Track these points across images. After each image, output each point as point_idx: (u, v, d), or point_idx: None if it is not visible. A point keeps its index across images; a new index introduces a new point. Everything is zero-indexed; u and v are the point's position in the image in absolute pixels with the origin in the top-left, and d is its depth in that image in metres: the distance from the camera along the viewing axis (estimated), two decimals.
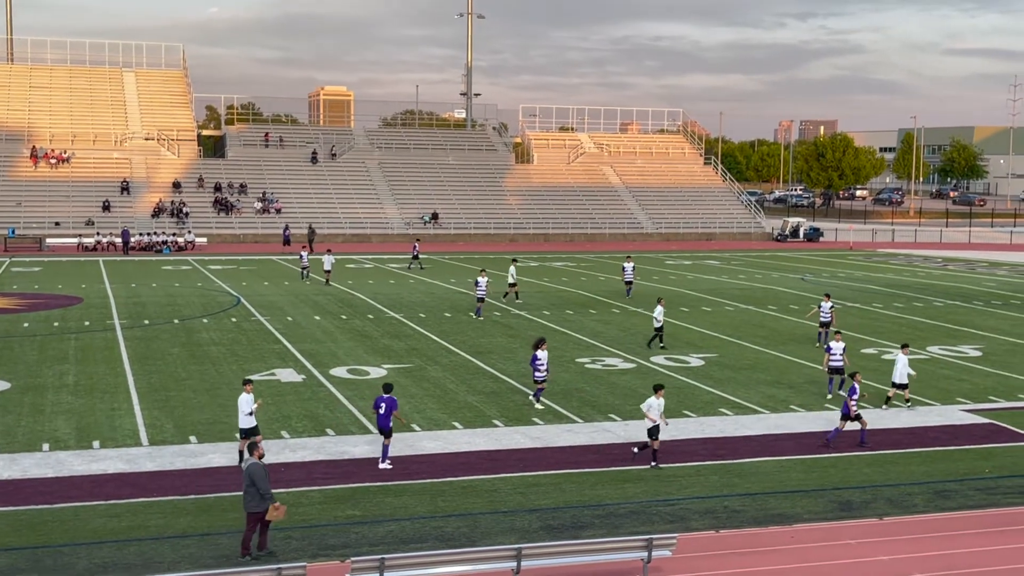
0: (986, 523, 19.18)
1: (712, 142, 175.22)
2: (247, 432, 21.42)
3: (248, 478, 16.86)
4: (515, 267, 49.31)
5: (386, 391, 22.10)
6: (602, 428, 25.40)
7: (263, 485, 16.81)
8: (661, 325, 36.01)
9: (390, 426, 21.91)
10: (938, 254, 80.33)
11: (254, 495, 16.81)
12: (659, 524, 18.72)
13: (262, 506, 16.82)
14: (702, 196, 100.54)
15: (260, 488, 16.78)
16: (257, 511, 16.85)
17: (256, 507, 16.84)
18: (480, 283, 43.67)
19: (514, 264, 49.83)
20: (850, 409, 24.11)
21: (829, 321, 37.00)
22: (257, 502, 16.81)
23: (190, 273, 59.09)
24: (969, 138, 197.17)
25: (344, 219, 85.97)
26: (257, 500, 16.80)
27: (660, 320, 35.91)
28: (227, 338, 37.16)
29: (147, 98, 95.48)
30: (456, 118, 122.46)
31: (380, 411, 21.80)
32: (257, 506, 16.83)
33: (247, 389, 21.71)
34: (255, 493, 16.81)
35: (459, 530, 18.31)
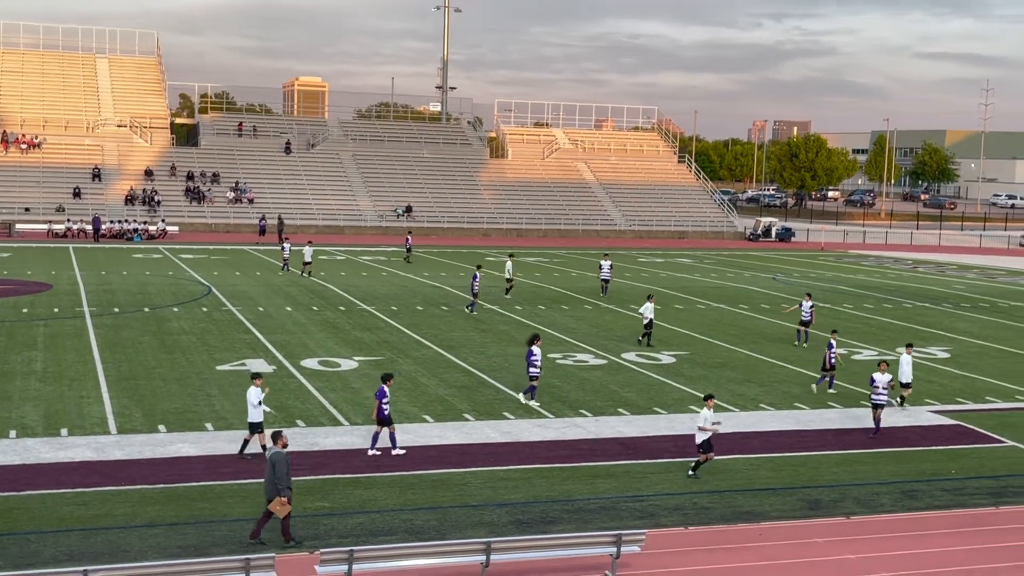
0: (952, 523, 19.34)
1: (686, 141, 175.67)
2: (254, 427, 21.34)
3: (271, 465, 16.93)
4: (512, 262, 49.27)
5: (383, 381, 22.38)
6: (572, 424, 25.44)
7: (281, 475, 16.88)
8: (649, 321, 36.09)
9: (386, 415, 22.16)
10: (908, 256, 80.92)
11: (274, 483, 16.91)
12: (628, 520, 18.77)
13: (284, 494, 16.90)
14: (675, 194, 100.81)
15: (277, 476, 16.84)
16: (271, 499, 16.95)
17: (272, 494, 16.93)
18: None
19: (511, 259, 49.80)
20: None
21: (809, 320, 37.29)
22: (275, 489, 16.89)
23: (161, 262, 58.73)
24: (941, 141, 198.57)
25: (317, 210, 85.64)
26: (275, 487, 16.88)
27: (647, 317, 36.02)
28: (198, 327, 36.96)
29: (120, 85, 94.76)
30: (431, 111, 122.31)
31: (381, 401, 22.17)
32: (274, 493, 16.92)
33: (256, 383, 21.55)
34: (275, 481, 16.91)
35: (428, 523, 18.30)
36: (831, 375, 29.65)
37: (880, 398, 25.42)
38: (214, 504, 18.83)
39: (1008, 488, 21.54)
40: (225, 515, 18.30)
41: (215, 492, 19.48)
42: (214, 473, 20.55)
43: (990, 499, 20.76)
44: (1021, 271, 70.93)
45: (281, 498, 16.84)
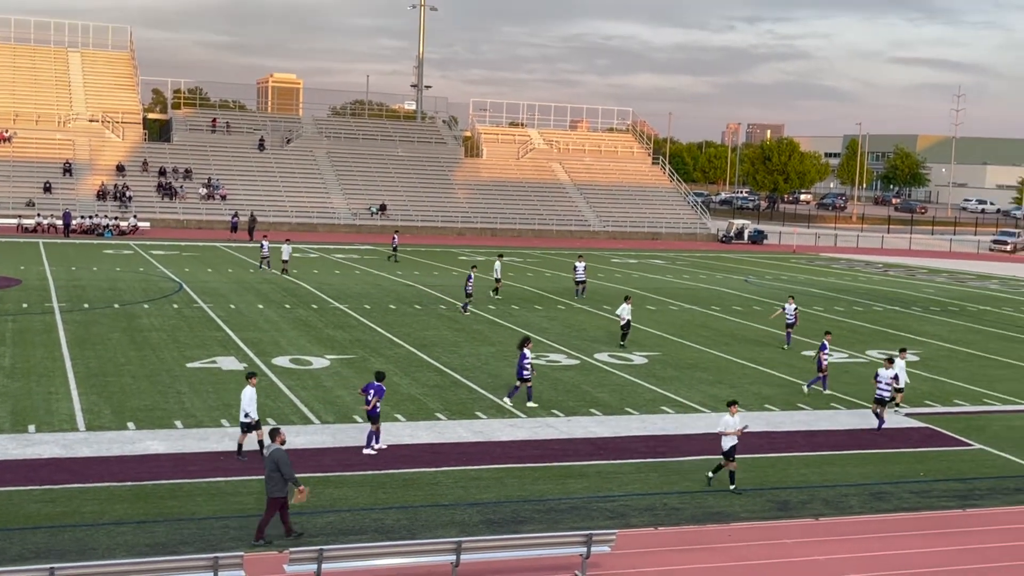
0: (920, 525, 19.48)
1: (660, 142, 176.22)
2: (247, 426, 21.26)
3: (272, 463, 16.97)
4: (500, 263, 49.20)
5: (378, 379, 22.46)
6: (545, 424, 25.45)
7: (287, 470, 16.93)
8: (626, 323, 36.16)
9: (378, 413, 22.27)
10: (879, 259, 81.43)
11: (278, 480, 16.94)
12: (599, 520, 18.80)
13: (284, 491, 16.99)
14: (649, 196, 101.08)
15: (284, 473, 16.88)
16: (279, 496, 17.00)
17: (279, 492, 16.99)
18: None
19: (500, 260, 49.72)
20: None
21: (793, 323, 37.59)
22: (280, 487, 16.95)
23: (132, 258, 58.34)
24: (912, 146, 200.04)
25: (290, 208, 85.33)
26: (280, 485, 16.94)
27: (624, 318, 36.10)
28: (168, 324, 36.74)
29: (92, 79, 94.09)
30: (406, 110, 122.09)
31: (369, 397, 22.24)
32: (280, 491, 16.98)
33: (251, 382, 21.44)
34: (279, 478, 16.93)
35: (399, 523, 18.26)
36: (823, 377, 30.00)
37: (883, 393, 26.16)
38: (183, 502, 18.73)
39: (975, 491, 21.72)
40: (194, 513, 18.21)
41: (184, 490, 19.37)
42: (183, 471, 20.44)
43: (957, 501, 20.93)
44: (990, 275, 71.55)
45: (298, 488, 17.01)
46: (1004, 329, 45.14)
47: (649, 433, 25.01)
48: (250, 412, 21.22)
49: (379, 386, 22.41)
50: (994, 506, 20.83)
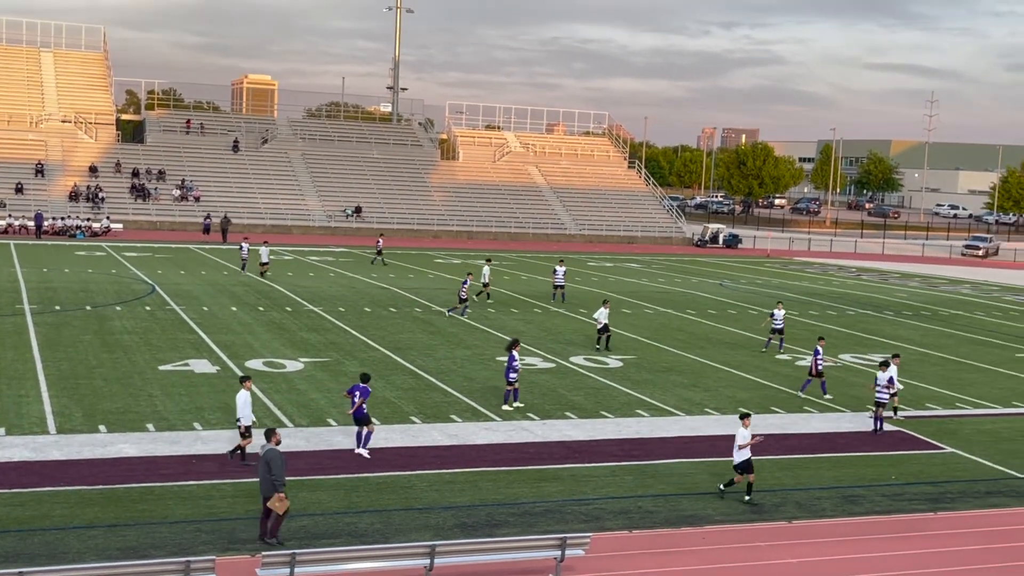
0: (891, 528, 19.57)
1: (636, 146, 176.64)
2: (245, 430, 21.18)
3: (265, 464, 16.93)
4: (489, 267, 49.12)
5: (363, 380, 22.42)
6: (520, 427, 25.43)
7: (277, 471, 16.89)
8: (603, 326, 36.17)
9: (364, 414, 22.22)
10: (852, 264, 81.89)
11: (270, 480, 16.90)
12: (574, 523, 18.79)
13: (272, 491, 16.91)
14: (625, 199, 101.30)
15: (274, 474, 16.84)
16: (268, 496, 16.95)
17: (268, 491, 16.93)
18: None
19: (488, 264, 49.64)
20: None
21: (782, 328, 37.62)
22: (270, 486, 16.90)
23: (104, 259, 57.96)
24: (886, 151, 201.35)
25: (264, 210, 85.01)
26: (271, 485, 16.88)
27: (602, 321, 36.13)
28: (140, 327, 36.51)
29: (65, 80, 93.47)
30: (382, 112, 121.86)
31: (355, 399, 22.20)
32: (269, 491, 16.92)
33: (246, 386, 21.36)
34: (271, 479, 16.90)
35: (373, 526, 18.20)
36: (822, 380, 30.13)
37: (881, 396, 26.44)
38: (154, 506, 18.59)
39: (946, 494, 21.85)
40: (166, 517, 18.08)
41: (155, 493, 19.24)
42: (155, 474, 20.30)
43: (928, 505, 21.04)
44: (962, 280, 72.06)
45: (279, 494, 16.88)
46: (975, 333, 45.47)
47: (624, 436, 25.03)
48: (242, 418, 21.10)
49: (364, 387, 22.33)
50: (965, 509, 20.96)
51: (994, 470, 23.85)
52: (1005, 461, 24.55)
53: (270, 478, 16.90)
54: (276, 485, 16.87)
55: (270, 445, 17.33)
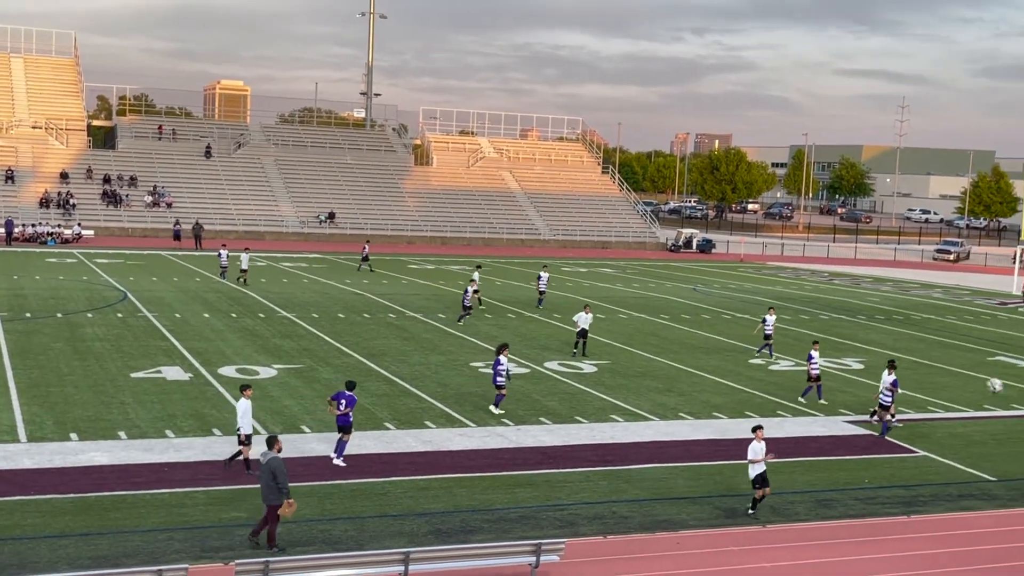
0: (865, 532, 19.67)
1: (610, 152, 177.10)
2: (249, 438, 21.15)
3: (269, 472, 17.01)
4: (479, 273, 49.10)
5: (349, 388, 22.29)
6: (495, 432, 25.40)
7: (282, 479, 17.01)
8: (581, 330, 36.20)
9: (350, 422, 22.16)
10: (825, 268, 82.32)
11: (274, 488, 17.01)
12: (548, 529, 18.79)
13: (280, 499, 17.05)
14: (599, 205, 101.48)
15: (279, 481, 16.95)
16: (277, 503, 17.05)
17: (276, 500, 17.04)
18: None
19: (478, 270, 49.61)
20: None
21: (771, 334, 37.60)
22: (273, 495, 17.01)
23: (75, 266, 57.55)
24: (857, 156, 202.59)
25: (237, 216, 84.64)
26: (277, 493, 17.00)
27: (581, 326, 36.16)
28: (112, 334, 36.26)
29: (36, 85, 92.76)
30: (355, 117, 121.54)
31: (341, 407, 22.05)
32: (276, 499, 17.03)
33: (246, 394, 21.16)
34: (275, 486, 16.99)
35: (347, 533, 18.13)
36: (818, 385, 30.18)
37: (884, 398, 26.80)
38: (127, 514, 18.46)
39: (919, 497, 21.98)
40: (138, 525, 17.96)
41: (128, 502, 19.10)
42: (127, 483, 20.15)
43: (901, 508, 21.16)
44: (934, 284, 72.57)
45: (288, 500, 17.09)
46: (947, 337, 45.79)
47: (598, 441, 25.06)
48: (242, 426, 20.95)
49: (350, 395, 22.17)
50: (938, 512, 21.10)
51: (966, 473, 24.01)
52: (977, 464, 24.73)
53: (275, 486, 17.05)
54: (283, 492, 17.06)
55: (272, 453, 17.43)
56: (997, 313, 56.35)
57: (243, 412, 21.04)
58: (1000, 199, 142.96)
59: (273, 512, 17.15)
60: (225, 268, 54.36)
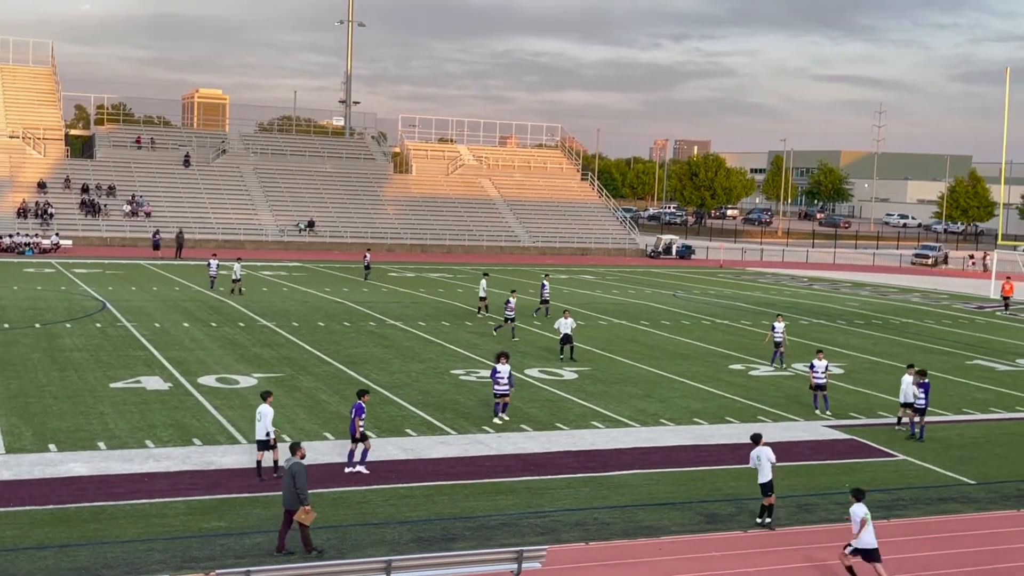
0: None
1: (589, 158, 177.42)
2: (265, 444, 21.46)
3: (290, 476, 17.20)
4: (486, 280, 49.04)
5: (359, 396, 22.51)
6: (475, 440, 25.39)
7: (301, 485, 17.18)
8: (564, 336, 36.35)
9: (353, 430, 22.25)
10: (804, 274, 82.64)
11: (295, 493, 17.21)
12: (530, 536, 18.78)
13: (296, 504, 17.23)
14: (578, 211, 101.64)
15: (298, 487, 17.15)
16: (292, 508, 17.26)
17: (292, 504, 17.24)
18: (510, 303, 42.38)
19: (485, 278, 49.52)
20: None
21: (782, 341, 37.21)
22: (294, 499, 17.22)
23: (54, 276, 57.24)
24: (836, 162, 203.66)
25: (216, 225, 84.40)
26: (295, 498, 17.19)
27: (563, 332, 36.28)
28: (91, 344, 36.07)
29: (12, 95, 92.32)
30: (334, 126, 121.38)
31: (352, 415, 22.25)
32: (293, 503, 17.24)
33: (268, 401, 21.66)
34: (296, 491, 17.21)
35: (328, 542, 18.07)
36: (824, 394, 30.00)
37: (919, 402, 27.15)
38: (106, 525, 18.36)
39: (899, 501, 22.08)
40: (118, 536, 17.86)
41: (107, 513, 19.00)
42: (106, 493, 20.04)
43: (882, 512, 21.22)
44: (912, 288, 72.96)
45: (305, 506, 17.22)
46: (926, 341, 46.03)
47: (579, 448, 25.07)
48: (271, 431, 21.34)
49: (359, 404, 22.25)
50: (918, 516, 21.19)
51: (945, 476, 24.14)
52: (956, 468, 24.86)
53: (295, 491, 17.22)
54: (301, 498, 17.21)
55: (295, 459, 17.59)
56: (975, 317, 56.70)
57: (269, 418, 21.37)
58: (977, 204, 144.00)
59: (292, 517, 17.36)
60: (214, 278, 53.93)
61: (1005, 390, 35.02)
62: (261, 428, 21.40)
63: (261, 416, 21.46)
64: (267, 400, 21.72)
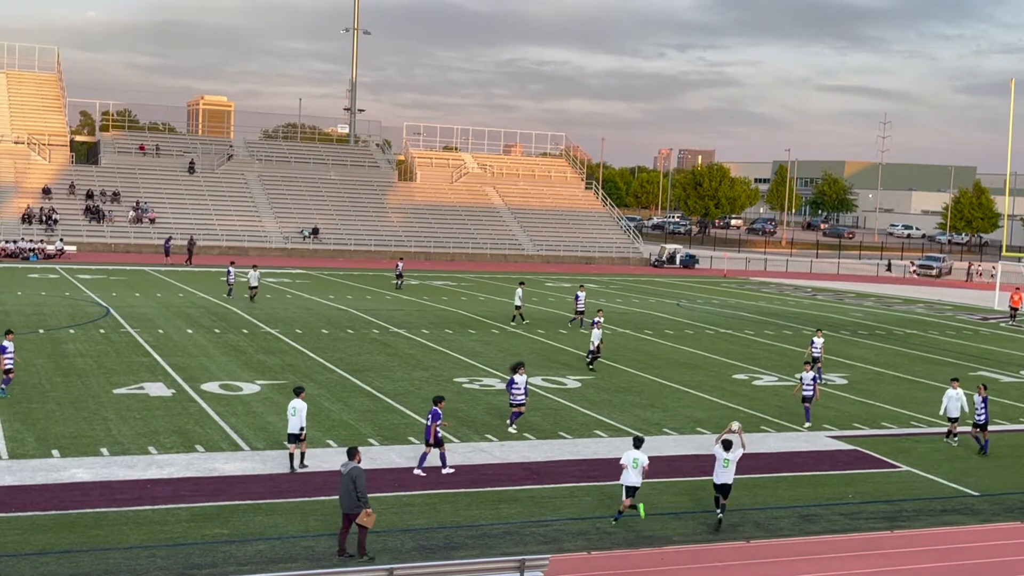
0: (848, 547, 19.69)
1: (593, 167, 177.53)
2: (297, 437, 22.46)
3: (350, 480, 17.48)
4: (522, 289, 49.44)
5: (435, 402, 23.15)
6: (478, 448, 25.37)
7: (362, 488, 17.51)
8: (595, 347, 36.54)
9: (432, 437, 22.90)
10: (808, 284, 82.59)
11: (354, 496, 17.49)
12: (532, 545, 18.75)
13: (358, 508, 17.47)
14: (582, 220, 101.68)
15: (359, 491, 17.42)
16: (353, 512, 17.52)
17: (353, 508, 17.51)
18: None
19: (521, 287, 49.80)
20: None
21: (820, 356, 36.59)
22: (355, 503, 17.47)
23: (58, 282, 57.31)
24: (840, 172, 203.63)
25: (221, 231, 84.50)
26: (356, 502, 17.45)
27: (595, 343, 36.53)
28: (94, 350, 36.10)
29: (18, 101, 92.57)
30: (339, 133, 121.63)
31: (428, 423, 22.99)
32: (354, 507, 17.50)
33: (301, 396, 22.75)
34: (355, 495, 17.46)
35: (330, 550, 18.05)
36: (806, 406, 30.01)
37: (979, 417, 27.29)
38: (108, 531, 18.35)
39: (902, 512, 22.03)
40: (120, 542, 17.85)
41: (110, 519, 18.99)
42: (109, 499, 20.04)
43: (885, 523, 21.20)
44: (916, 299, 72.88)
45: (367, 509, 17.51)
46: (930, 352, 45.97)
47: (582, 457, 25.04)
48: (304, 426, 22.41)
49: (435, 410, 22.90)
50: (921, 527, 21.14)
51: (949, 488, 24.09)
52: (959, 479, 24.81)
53: (356, 494, 17.48)
54: (363, 501, 17.51)
55: (353, 463, 17.85)
56: (979, 328, 56.63)
57: (304, 412, 22.44)
58: (981, 215, 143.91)
59: (351, 521, 17.60)
60: (232, 286, 53.79)
61: (1009, 401, 34.96)
62: (295, 423, 22.38)
63: (295, 411, 22.45)
64: (300, 395, 22.72)
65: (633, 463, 20.34)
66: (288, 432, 22.67)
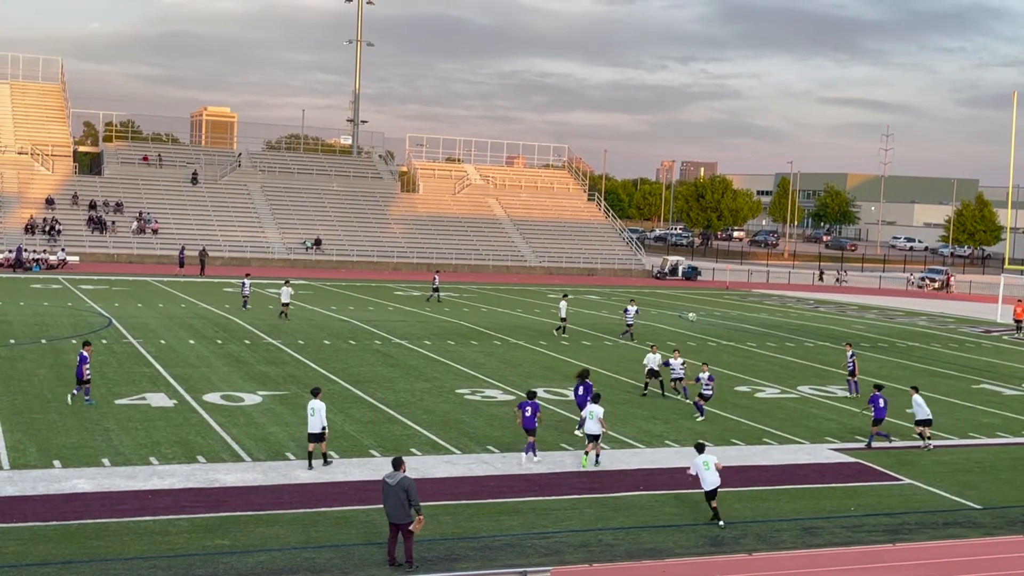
0: (851, 560, 19.64)
1: (596, 179, 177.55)
2: (316, 436, 23.40)
3: (402, 490, 17.67)
4: (566, 302, 49.76)
5: (530, 397, 25.28)
6: (480, 460, 25.34)
7: (415, 497, 17.73)
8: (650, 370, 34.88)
9: (535, 426, 24.92)
10: (810, 296, 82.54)
11: (405, 506, 17.72)
12: (534, 557, 18.72)
13: (409, 517, 17.70)
14: (585, 231, 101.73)
15: (412, 500, 17.66)
16: (403, 522, 17.71)
17: (405, 518, 17.70)
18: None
19: (565, 299, 49.99)
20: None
21: (853, 370, 36.67)
22: (405, 513, 17.68)
23: (60, 292, 57.35)
24: (842, 184, 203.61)
25: (224, 242, 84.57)
26: (406, 511, 17.69)
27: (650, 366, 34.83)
28: (96, 360, 36.04)
29: (22, 111, 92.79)
30: (342, 144, 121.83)
31: (526, 413, 24.81)
32: (406, 516, 17.69)
33: (319, 396, 23.86)
34: (408, 504, 17.71)
35: (331, 561, 18.03)
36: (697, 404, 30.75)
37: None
38: (110, 542, 18.33)
39: (904, 525, 21.98)
40: (121, 553, 17.83)
41: (111, 530, 18.97)
42: (111, 510, 20.02)
43: (887, 536, 21.15)
44: (919, 312, 72.82)
45: (419, 516, 17.78)
46: (932, 365, 45.91)
47: (583, 469, 24.99)
48: (326, 424, 23.46)
49: (534, 403, 25.03)
50: (923, 540, 21.08)
51: (951, 501, 24.03)
52: (962, 492, 24.75)
53: (408, 504, 17.67)
54: (416, 510, 17.73)
55: (402, 474, 17.97)
56: (981, 341, 56.57)
57: (323, 411, 23.46)
58: (984, 227, 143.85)
59: (398, 530, 17.77)
60: (247, 298, 53.66)
61: (1011, 414, 34.91)
62: (315, 422, 23.24)
63: (314, 411, 23.34)
64: (317, 396, 23.76)
65: (704, 465, 21.24)
66: (308, 431, 23.53)
